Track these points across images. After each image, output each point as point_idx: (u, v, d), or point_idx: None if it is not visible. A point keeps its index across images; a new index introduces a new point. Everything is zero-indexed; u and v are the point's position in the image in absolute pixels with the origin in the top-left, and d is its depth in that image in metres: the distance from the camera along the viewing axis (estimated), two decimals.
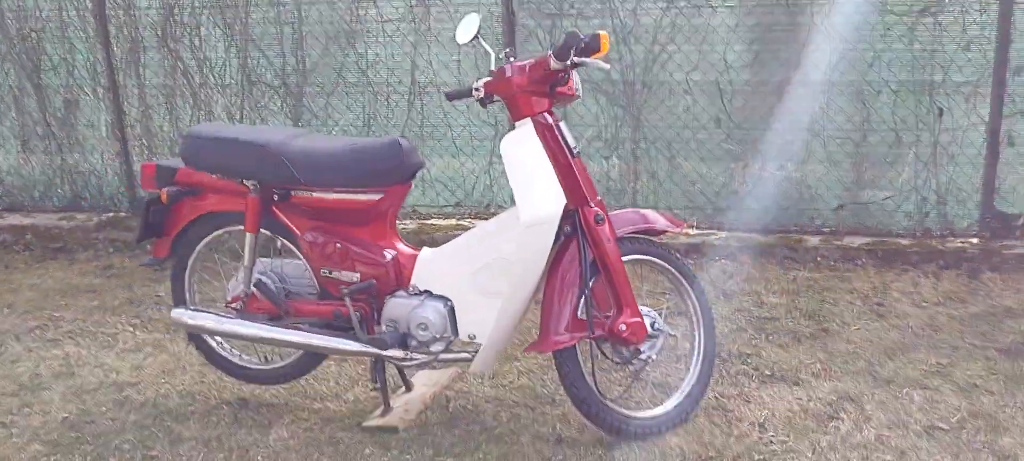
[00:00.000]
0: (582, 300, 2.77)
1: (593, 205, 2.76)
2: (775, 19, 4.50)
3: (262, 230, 3.02)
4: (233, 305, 3.09)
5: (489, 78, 2.80)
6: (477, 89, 2.80)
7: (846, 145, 4.56)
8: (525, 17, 4.69)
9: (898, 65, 4.41)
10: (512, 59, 2.76)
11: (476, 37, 2.87)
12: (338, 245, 2.92)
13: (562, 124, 2.77)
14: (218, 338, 3.24)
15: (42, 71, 5.36)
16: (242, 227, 3.04)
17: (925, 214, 4.53)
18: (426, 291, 2.91)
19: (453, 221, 5.01)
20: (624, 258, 2.82)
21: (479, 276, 2.84)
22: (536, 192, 2.69)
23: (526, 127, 2.73)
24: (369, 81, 4.99)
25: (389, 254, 2.94)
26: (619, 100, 4.71)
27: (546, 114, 2.74)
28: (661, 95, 4.68)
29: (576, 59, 2.62)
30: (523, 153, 2.72)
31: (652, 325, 2.85)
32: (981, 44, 4.29)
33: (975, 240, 4.45)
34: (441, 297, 2.89)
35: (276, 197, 2.95)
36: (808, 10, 4.44)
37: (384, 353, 2.89)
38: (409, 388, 3.23)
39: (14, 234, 5.37)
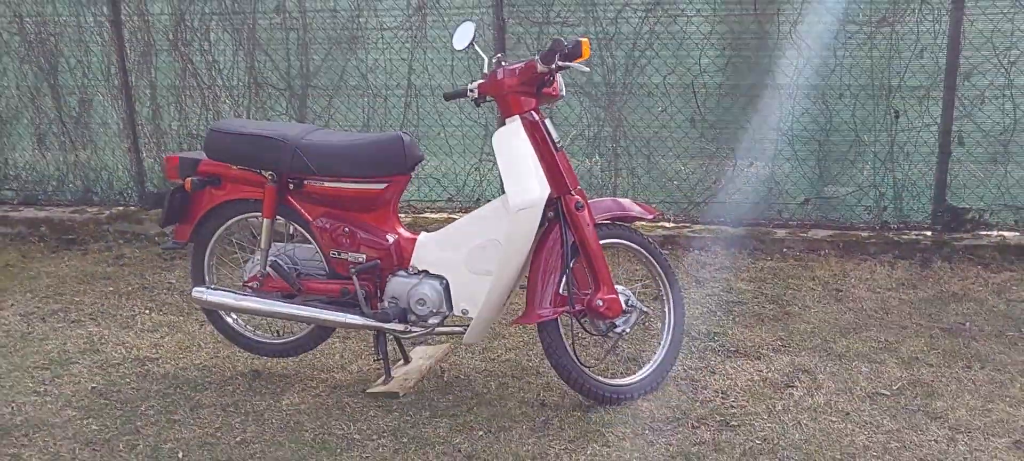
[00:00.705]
0: (564, 278, 3.11)
1: (574, 193, 3.10)
2: (745, 27, 4.84)
3: (277, 216, 3.35)
4: (250, 284, 3.41)
5: (482, 80, 3.13)
6: (472, 90, 3.14)
7: (811, 144, 4.90)
8: (514, 24, 5.02)
9: (858, 70, 4.74)
10: (503, 63, 3.09)
11: (471, 43, 3.21)
12: (347, 229, 3.24)
13: (547, 121, 3.11)
14: (234, 315, 3.57)
15: (58, 72, 5.66)
16: (259, 214, 3.37)
17: (883, 208, 4.88)
18: (424, 271, 3.24)
19: (445, 215, 5.33)
20: (602, 241, 3.16)
21: (472, 257, 3.17)
22: (523, 181, 3.02)
23: (515, 123, 3.07)
24: (368, 84, 5.31)
25: (391, 238, 3.27)
26: (601, 101, 5.05)
27: (533, 112, 3.08)
28: (640, 97, 5.01)
29: (560, 63, 2.97)
30: (512, 146, 3.06)
31: (626, 302, 3.19)
32: (933, 51, 4.62)
33: (928, 232, 4.79)
34: (437, 276, 3.22)
35: (291, 186, 3.27)
36: (776, 19, 4.78)
37: (386, 326, 3.22)
38: (407, 360, 3.56)
39: (29, 226, 5.67)
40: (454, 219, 5.11)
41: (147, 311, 4.31)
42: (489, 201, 5.21)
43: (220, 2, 5.33)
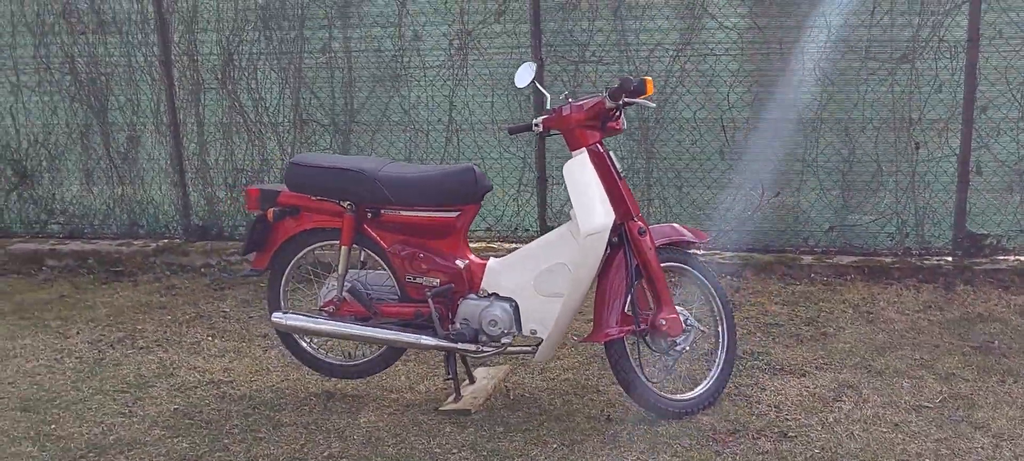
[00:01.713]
0: (628, 299, 3.32)
1: (636, 220, 3.33)
2: (772, 65, 5.10)
3: (353, 244, 3.54)
4: (326, 309, 3.60)
5: (547, 115, 3.36)
6: (537, 125, 3.37)
7: (835, 175, 5.15)
8: (552, 63, 5.28)
9: (880, 104, 5.01)
10: (571, 101, 3.32)
11: (533, 82, 3.45)
12: (422, 255, 3.45)
13: (611, 153, 3.34)
14: (308, 338, 3.75)
15: (108, 110, 5.87)
16: (332, 243, 3.57)
17: (905, 235, 5.12)
18: (494, 294, 3.44)
19: (483, 244, 5.54)
20: (661, 264, 3.38)
21: (540, 280, 3.37)
22: (591, 208, 3.24)
23: (582, 155, 3.30)
24: (411, 120, 5.54)
25: (462, 263, 3.47)
26: (634, 135, 5.29)
27: (598, 145, 3.31)
28: (671, 131, 5.26)
29: (627, 100, 3.21)
30: (580, 177, 3.28)
31: (685, 321, 3.41)
32: (951, 86, 4.89)
33: (949, 258, 5.04)
34: (507, 298, 3.42)
35: (369, 215, 3.48)
36: (800, 57, 5.05)
37: (459, 346, 3.41)
38: (473, 380, 3.75)
39: (76, 259, 5.84)
40: (492, 248, 5.39)
41: (209, 337, 4.48)
42: (527, 230, 5.48)
43: (268, 42, 5.57)
